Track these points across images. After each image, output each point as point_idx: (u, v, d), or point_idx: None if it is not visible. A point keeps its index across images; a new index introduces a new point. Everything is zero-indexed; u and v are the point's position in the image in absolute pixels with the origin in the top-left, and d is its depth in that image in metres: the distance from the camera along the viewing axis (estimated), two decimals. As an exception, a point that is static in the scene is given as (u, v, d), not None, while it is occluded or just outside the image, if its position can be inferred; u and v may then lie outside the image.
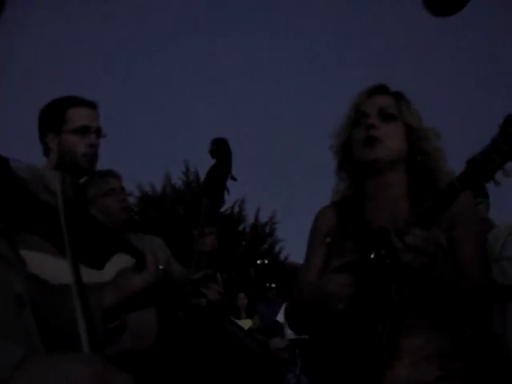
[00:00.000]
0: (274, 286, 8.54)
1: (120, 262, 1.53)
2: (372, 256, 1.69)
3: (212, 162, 2.55)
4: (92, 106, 2.46)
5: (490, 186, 1.62)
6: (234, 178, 2.56)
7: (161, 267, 1.53)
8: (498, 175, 1.56)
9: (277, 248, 19.00)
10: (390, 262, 1.63)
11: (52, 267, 1.61)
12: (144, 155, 21.78)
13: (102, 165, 3.02)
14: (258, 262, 2.86)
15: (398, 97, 1.94)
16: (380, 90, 1.96)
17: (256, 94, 25.06)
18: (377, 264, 1.68)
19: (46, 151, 2.42)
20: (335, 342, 1.75)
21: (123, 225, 3.08)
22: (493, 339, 3.38)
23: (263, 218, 18.94)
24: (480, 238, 1.87)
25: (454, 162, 1.79)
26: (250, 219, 18.90)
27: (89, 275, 1.29)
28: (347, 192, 1.97)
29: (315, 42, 25.65)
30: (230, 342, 2.65)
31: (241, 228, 18.63)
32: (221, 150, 2.49)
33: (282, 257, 18.82)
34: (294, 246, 19.47)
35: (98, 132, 2.43)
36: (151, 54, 26.05)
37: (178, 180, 18.31)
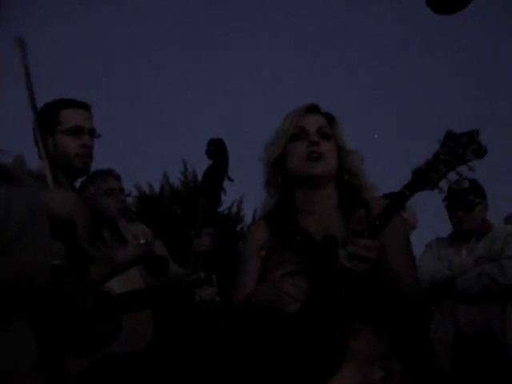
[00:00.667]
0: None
1: None
2: (323, 261, 1.78)
3: (209, 162, 2.55)
4: (85, 107, 2.48)
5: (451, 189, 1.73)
6: (230, 179, 2.56)
7: (142, 241, 1.57)
8: (442, 183, 1.75)
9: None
10: (339, 266, 1.71)
11: None
12: (142, 155, 21.76)
13: (99, 165, 3.03)
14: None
15: (330, 119, 2.04)
16: (315, 109, 2.05)
17: (254, 94, 25.08)
18: (327, 269, 1.76)
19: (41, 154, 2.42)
20: (284, 344, 1.77)
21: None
22: (492, 338, 3.39)
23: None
24: (409, 248, 2.01)
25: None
26: (248, 219, 18.91)
27: None
28: (275, 205, 2.03)
29: (315, 42, 25.66)
30: (225, 340, 2.65)
31: (239, 228, 18.62)
32: (217, 150, 2.50)
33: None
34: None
35: (92, 133, 2.44)
36: (150, 53, 26.02)
37: (175, 180, 18.31)
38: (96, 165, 2.54)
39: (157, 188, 18.16)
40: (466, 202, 3.61)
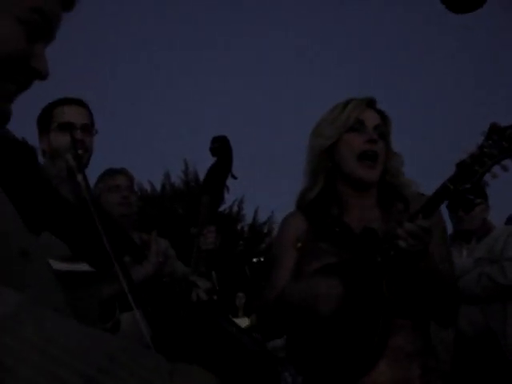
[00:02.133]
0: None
1: None
2: (365, 254, 1.75)
3: (212, 160, 2.55)
4: (78, 103, 2.48)
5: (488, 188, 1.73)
6: (234, 177, 2.55)
7: (161, 259, 1.53)
8: (486, 177, 1.70)
9: (275, 248, 19.02)
10: (381, 259, 1.71)
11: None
12: (144, 154, 21.75)
13: (101, 163, 3.03)
14: (254, 259, 2.87)
15: (384, 117, 1.99)
16: (373, 104, 1.99)
17: (256, 93, 25.06)
18: (367, 262, 1.74)
19: (43, 153, 2.45)
20: (322, 342, 1.76)
21: (121, 220, 3.08)
22: (492, 339, 3.39)
23: (262, 218, 18.96)
24: (447, 240, 2.02)
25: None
26: (249, 219, 18.93)
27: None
28: (316, 194, 1.98)
29: (316, 42, 25.64)
30: (226, 340, 2.65)
31: (239, 227, 18.63)
32: (222, 148, 2.49)
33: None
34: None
35: (85, 128, 2.44)
36: (151, 52, 26.02)
37: (177, 179, 18.32)
38: (98, 164, 2.55)
39: (158, 187, 18.20)
40: (466, 201, 3.61)
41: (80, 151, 2.36)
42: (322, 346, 1.76)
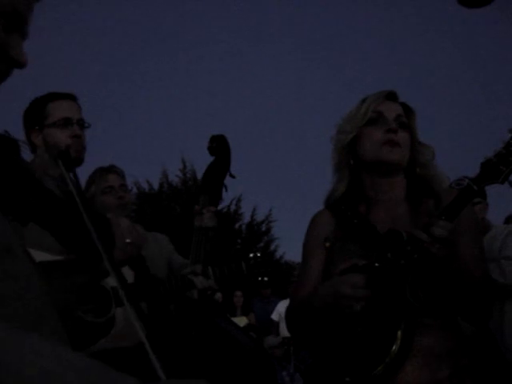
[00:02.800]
0: (266, 279, 8.54)
1: None
2: (388, 256, 1.71)
3: (210, 159, 2.54)
4: (71, 97, 2.46)
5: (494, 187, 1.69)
6: (232, 176, 2.54)
7: (128, 240, 1.52)
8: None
9: (273, 246, 19.04)
10: (404, 262, 1.67)
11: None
12: (141, 152, 21.75)
13: (99, 161, 3.03)
14: (251, 255, 2.86)
15: (407, 108, 1.98)
16: (393, 96, 1.99)
17: (255, 92, 25.06)
18: (391, 265, 1.70)
19: (33, 148, 2.42)
20: (347, 343, 1.74)
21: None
22: (489, 337, 3.39)
23: (259, 217, 18.96)
24: (480, 239, 1.97)
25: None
26: (247, 217, 18.92)
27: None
28: (342, 192, 1.96)
29: (315, 41, 25.63)
30: (223, 339, 2.64)
31: (237, 226, 18.62)
32: (220, 147, 2.48)
33: (277, 255, 18.88)
34: (289, 245, 19.53)
35: (80, 123, 2.42)
36: (150, 50, 26.00)
37: (174, 177, 18.31)
38: (95, 161, 2.54)
39: (156, 185, 18.18)
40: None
41: (74, 152, 2.35)
42: (345, 348, 1.74)
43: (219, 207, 2.69)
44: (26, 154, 1.17)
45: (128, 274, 2.52)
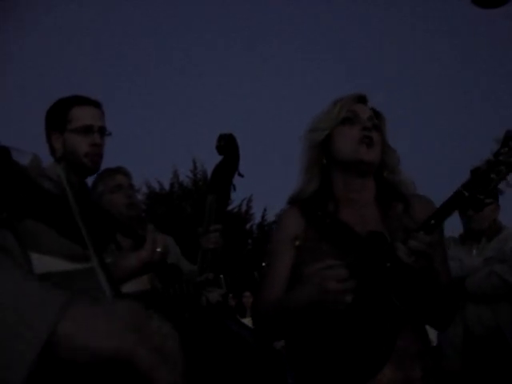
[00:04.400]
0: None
1: None
2: (373, 258, 1.72)
3: (219, 158, 2.52)
4: (96, 104, 2.45)
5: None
6: (240, 175, 2.52)
7: (158, 249, 1.52)
8: (502, 185, 1.67)
9: (283, 247, 19.04)
10: (390, 265, 1.68)
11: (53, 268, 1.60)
12: (152, 152, 21.82)
13: (110, 162, 3.02)
14: (264, 264, 2.85)
15: (377, 113, 1.99)
16: (364, 100, 2.00)
17: (266, 91, 25.06)
18: (376, 267, 1.70)
19: (52, 151, 2.42)
20: (328, 345, 1.72)
21: (130, 222, 3.07)
22: (500, 339, 3.37)
23: (270, 217, 18.96)
24: (445, 250, 1.98)
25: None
26: (258, 218, 18.93)
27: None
28: (313, 191, 1.94)
29: (324, 43, 25.60)
30: (233, 340, 2.63)
31: (248, 226, 18.64)
32: (228, 146, 2.45)
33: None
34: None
35: (102, 131, 2.42)
36: (161, 49, 26.07)
37: (185, 178, 18.37)
38: (106, 162, 2.53)
39: (166, 185, 18.24)
40: (476, 201, 3.59)
41: (90, 162, 2.36)
42: (326, 348, 1.72)
43: (230, 207, 2.69)
44: (24, 159, 1.23)
45: (143, 280, 2.52)
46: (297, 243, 1.88)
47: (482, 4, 1.67)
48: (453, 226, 3.95)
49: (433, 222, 1.66)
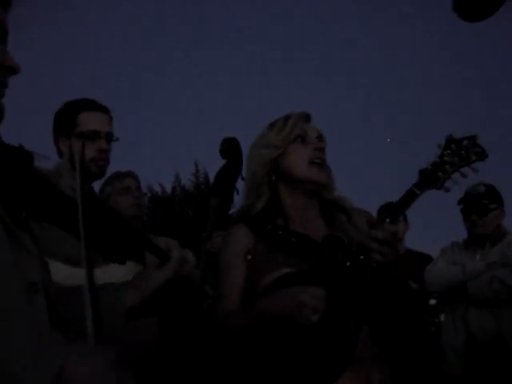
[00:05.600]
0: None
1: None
2: (334, 258, 1.80)
3: (222, 162, 2.53)
4: (104, 110, 2.46)
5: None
6: (244, 179, 2.53)
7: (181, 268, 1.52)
8: (448, 183, 1.83)
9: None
10: (350, 264, 1.76)
11: (63, 274, 1.61)
12: (154, 156, 21.85)
13: (112, 165, 3.03)
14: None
15: (319, 132, 2.04)
16: (309, 119, 2.06)
17: (268, 95, 25.09)
18: (337, 268, 1.77)
19: (60, 153, 2.43)
20: (291, 351, 1.73)
21: (135, 222, 3.09)
22: (502, 344, 3.37)
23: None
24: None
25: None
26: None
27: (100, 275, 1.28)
28: (260, 208, 1.99)
29: (324, 46, 25.64)
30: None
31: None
32: (231, 150, 2.47)
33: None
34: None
35: (109, 137, 2.42)
36: (163, 53, 26.11)
37: (187, 181, 18.36)
38: (110, 165, 2.53)
39: (168, 189, 18.24)
40: (480, 206, 3.60)
41: (96, 167, 2.37)
42: (290, 355, 1.73)
43: (231, 211, 2.68)
44: (48, 164, 1.29)
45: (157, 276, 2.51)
46: (248, 257, 1.92)
47: (467, 17, 1.71)
48: (456, 231, 3.96)
49: (388, 220, 1.77)
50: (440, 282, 3.49)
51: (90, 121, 2.38)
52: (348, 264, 1.76)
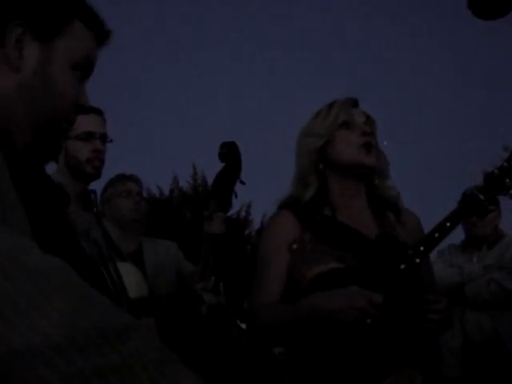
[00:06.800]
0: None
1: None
2: (387, 260, 1.71)
3: (220, 165, 2.53)
4: (97, 112, 2.49)
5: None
6: (242, 182, 2.54)
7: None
8: None
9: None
10: (405, 267, 1.67)
11: None
12: (152, 158, 21.83)
13: (110, 168, 3.04)
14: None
15: (368, 117, 1.98)
16: (357, 104, 2.00)
17: (267, 99, 25.10)
18: (390, 270, 1.68)
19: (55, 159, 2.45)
20: (336, 353, 1.70)
21: (132, 225, 3.10)
22: (500, 346, 3.37)
23: (269, 223, 18.91)
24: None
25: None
26: (257, 224, 18.91)
27: None
28: (310, 196, 1.92)
29: (324, 46, 25.66)
30: (234, 345, 2.63)
31: (247, 233, 18.62)
32: (230, 153, 2.47)
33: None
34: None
35: (103, 138, 2.45)
36: (161, 55, 26.11)
37: (185, 183, 18.35)
38: (107, 168, 2.55)
39: (166, 191, 18.22)
40: (480, 207, 3.60)
41: (92, 167, 2.39)
42: (329, 357, 1.70)
43: (229, 213, 2.68)
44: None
45: (143, 287, 2.52)
46: (294, 246, 1.84)
47: (483, 15, 1.69)
48: (453, 234, 3.96)
49: (448, 224, 1.74)
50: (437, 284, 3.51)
51: (83, 123, 2.40)
52: (403, 267, 1.68)
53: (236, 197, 2.55)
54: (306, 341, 1.75)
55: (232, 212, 17.77)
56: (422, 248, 1.69)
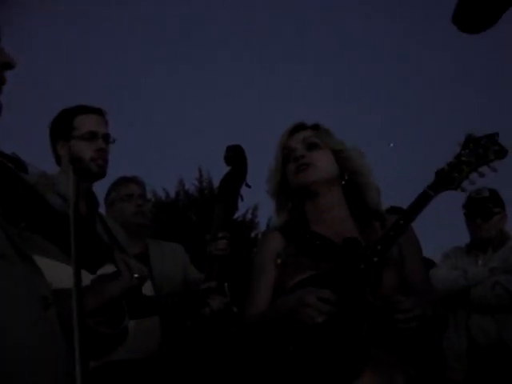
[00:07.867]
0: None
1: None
2: (348, 262, 1.82)
3: (227, 168, 2.55)
4: (99, 112, 2.52)
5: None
6: (248, 186, 2.55)
7: (136, 275, 1.58)
8: (465, 183, 1.82)
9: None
10: (364, 266, 1.78)
11: (53, 272, 1.64)
12: (158, 161, 21.85)
13: (116, 170, 3.06)
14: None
15: (316, 127, 2.13)
16: (299, 127, 2.14)
17: (272, 101, 25.09)
18: (352, 270, 1.79)
19: (58, 160, 2.48)
20: (307, 353, 1.77)
21: (137, 229, 3.11)
22: (504, 349, 3.37)
23: (275, 226, 18.88)
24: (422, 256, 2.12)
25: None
26: (263, 226, 18.90)
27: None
28: (287, 218, 2.10)
29: (324, 46, 25.64)
30: (237, 347, 2.64)
31: (253, 235, 18.62)
32: (236, 157, 2.49)
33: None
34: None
35: (106, 138, 2.47)
36: (166, 57, 26.13)
37: (191, 186, 18.37)
38: (113, 170, 2.57)
39: (172, 194, 18.25)
40: (485, 209, 3.61)
41: (96, 166, 2.41)
42: (306, 356, 1.77)
43: (235, 216, 2.70)
44: (32, 175, 1.29)
45: (147, 286, 2.52)
46: (278, 261, 2.01)
47: (467, 29, 1.72)
48: (458, 236, 3.96)
49: (402, 222, 1.81)
50: (442, 287, 3.50)
51: (86, 123, 2.44)
52: (362, 266, 1.78)
53: (242, 200, 2.57)
54: (278, 341, 1.85)
55: (238, 214, 17.78)
56: (379, 247, 1.80)
